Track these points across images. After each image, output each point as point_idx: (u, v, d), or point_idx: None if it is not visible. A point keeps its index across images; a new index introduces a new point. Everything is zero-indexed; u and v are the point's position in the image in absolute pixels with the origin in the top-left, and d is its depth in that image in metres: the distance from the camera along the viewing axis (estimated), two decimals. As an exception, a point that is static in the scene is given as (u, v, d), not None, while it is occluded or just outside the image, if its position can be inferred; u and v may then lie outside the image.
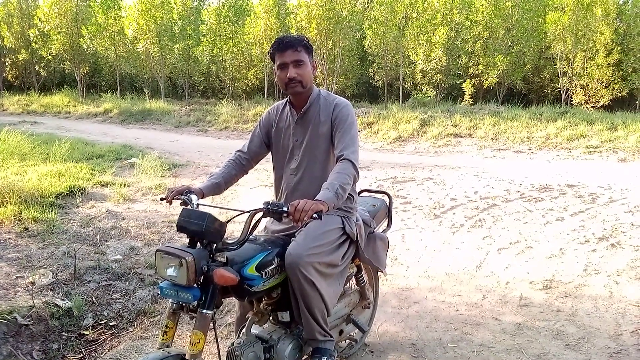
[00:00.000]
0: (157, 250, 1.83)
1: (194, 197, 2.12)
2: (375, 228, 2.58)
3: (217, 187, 2.32)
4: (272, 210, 1.83)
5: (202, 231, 1.79)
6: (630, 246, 4.69)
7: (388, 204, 2.87)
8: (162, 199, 2.21)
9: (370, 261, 2.49)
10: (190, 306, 1.86)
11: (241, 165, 2.43)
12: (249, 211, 1.95)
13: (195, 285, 1.79)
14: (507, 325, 3.26)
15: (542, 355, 2.88)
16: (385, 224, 2.87)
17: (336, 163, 2.12)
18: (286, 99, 2.40)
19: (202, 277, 1.80)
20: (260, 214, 1.92)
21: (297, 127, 2.31)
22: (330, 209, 1.88)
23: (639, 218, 5.55)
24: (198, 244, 1.86)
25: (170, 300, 1.87)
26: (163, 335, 1.87)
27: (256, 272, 1.95)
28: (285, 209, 1.80)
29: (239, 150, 2.47)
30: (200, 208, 2.07)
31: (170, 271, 1.76)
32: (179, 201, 2.14)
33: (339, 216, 2.28)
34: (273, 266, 2.03)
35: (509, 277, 4.05)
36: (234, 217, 2.02)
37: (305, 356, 2.32)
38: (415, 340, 3.07)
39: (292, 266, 2.03)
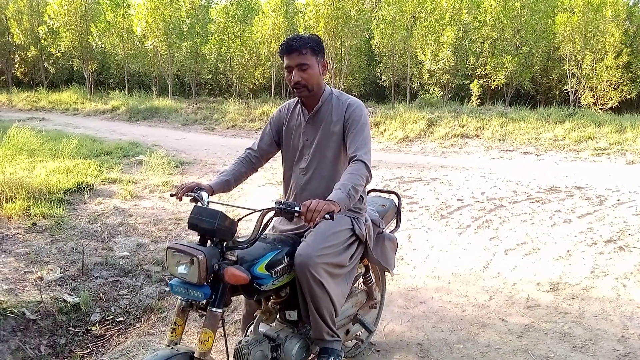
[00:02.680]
0: (168, 247, 1.83)
1: (204, 195, 2.12)
2: (384, 228, 2.58)
3: (227, 184, 2.32)
4: (283, 210, 1.82)
5: (213, 229, 1.79)
6: (638, 249, 4.67)
7: (397, 204, 2.86)
8: (172, 195, 2.21)
9: (379, 262, 2.48)
10: (200, 304, 1.86)
11: (251, 163, 2.43)
12: (260, 210, 1.94)
13: (205, 283, 1.78)
14: (513, 326, 3.25)
15: (548, 357, 2.87)
16: (393, 224, 2.86)
17: (349, 163, 2.11)
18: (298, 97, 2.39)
19: (213, 275, 1.80)
20: (271, 213, 1.92)
21: (308, 126, 2.30)
22: (341, 209, 1.87)
23: (647, 221, 5.52)
24: (209, 241, 1.85)
25: (180, 297, 1.87)
26: (172, 333, 1.87)
27: (266, 271, 1.95)
28: (297, 208, 1.79)
29: (249, 148, 2.46)
30: (211, 206, 2.07)
31: (181, 269, 1.76)
32: (189, 198, 2.14)
33: (349, 217, 2.27)
34: (283, 265, 2.03)
35: (515, 279, 4.04)
36: (245, 215, 2.03)
37: (312, 355, 2.32)
38: (421, 340, 3.06)
39: (301, 266, 2.03)
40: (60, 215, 5.06)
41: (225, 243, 1.86)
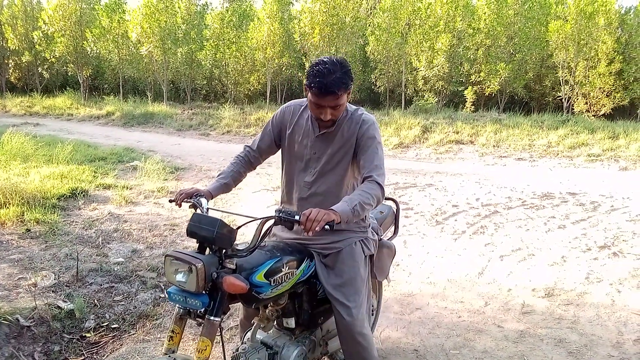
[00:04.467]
0: (166, 255, 1.80)
1: (203, 201, 2.09)
2: (382, 236, 2.56)
3: (226, 187, 2.28)
4: (283, 219, 1.80)
5: (212, 237, 1.76)
6: (632, 255, 4.69)
7: (395, 211, 2.86)
8: (170, 201, 2.18)
9: (375, 273, 2.47)
10: (198, 312, 1.83)
11: (249, 163, 2.38)
12: (260, 218, 1.91)
13: (203, 291, 1.76)
14: (509, 332, 3.26)
15: (544, 363, 2.88)
16: (391, 231, 2.86)
17: (362, 182, 2.05)
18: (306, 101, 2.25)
19: (211, 283, 1.78)
20: (271, 222, 1.90)
21: (318, 141, 2.19)
22: (342, 221, 1.82)
23: (640, 227, 5.55)
24: (207, 249, 1.83)
25: (177, 305, 1.85)
26: (169, 341, 1.85)
27: (264, 280, 1.92)
28: (297, 217, 1.77)
29: (248, 146, 2.40)
30: (210, 213, 2.04)
31: (180, 277, 1.74)
32: (188, 204, 2.12)
33: (358, 241, 2.24)
34: (282, 273, 1.99)
35: (511, 284, 4.05)
36: (245, 224, 1.98)
37: None
38: (417, 346, 3.06)
39: (350, 334, 2.07)
40: (55, 221, 5.03)
41: (224, 251, 1.83)
